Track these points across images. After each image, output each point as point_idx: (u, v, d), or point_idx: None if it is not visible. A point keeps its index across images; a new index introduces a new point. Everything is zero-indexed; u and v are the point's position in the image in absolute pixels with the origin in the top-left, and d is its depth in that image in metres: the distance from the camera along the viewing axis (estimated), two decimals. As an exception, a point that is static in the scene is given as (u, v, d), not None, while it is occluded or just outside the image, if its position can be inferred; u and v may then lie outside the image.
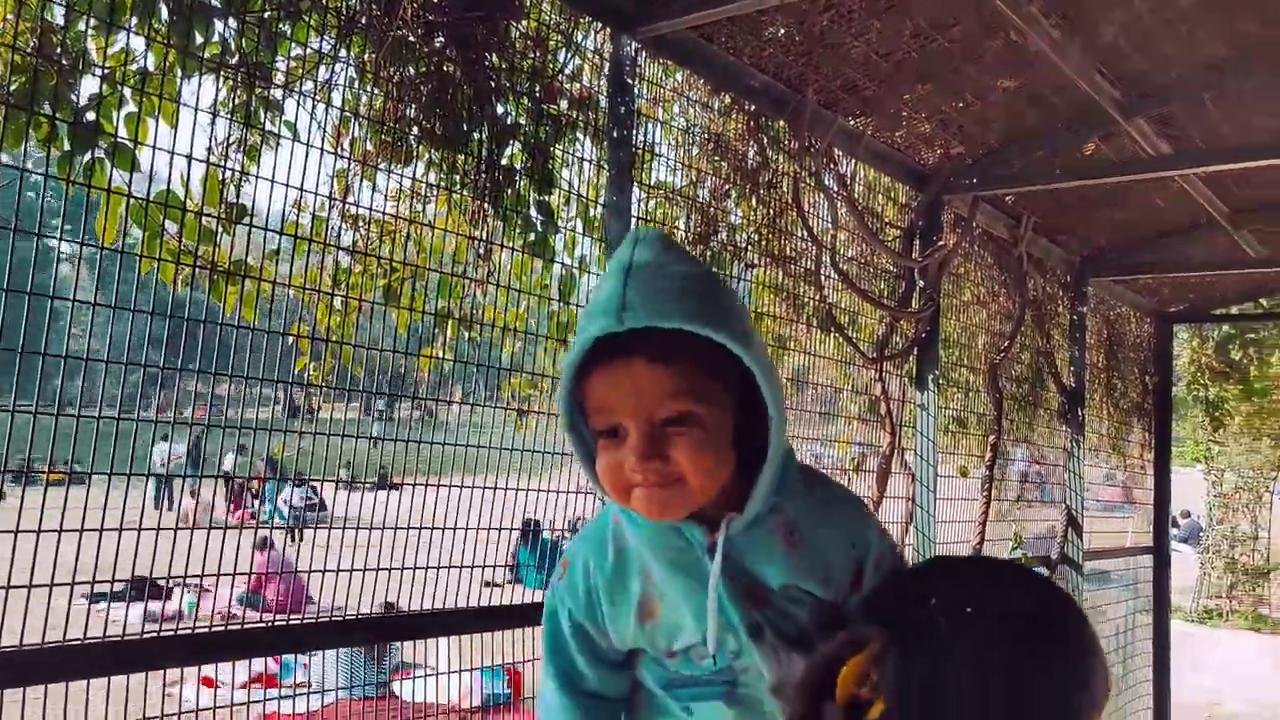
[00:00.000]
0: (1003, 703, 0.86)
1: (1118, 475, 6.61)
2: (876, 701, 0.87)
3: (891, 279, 3.85)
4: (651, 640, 1.05)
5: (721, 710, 1.06)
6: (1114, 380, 6.02)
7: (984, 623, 0.88)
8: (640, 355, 0.96)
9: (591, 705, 1.10)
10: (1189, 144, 3.79)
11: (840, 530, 1.08)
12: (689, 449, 0.97)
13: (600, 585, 1.07)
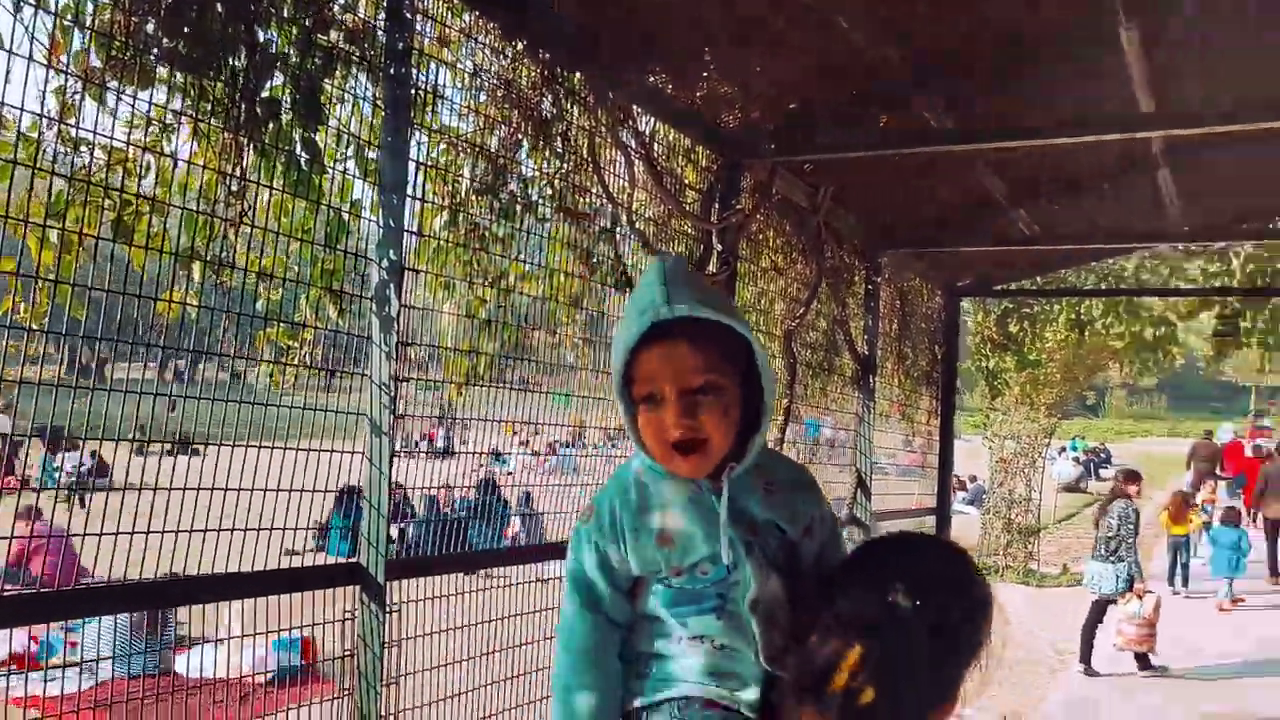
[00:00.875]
0: (951, 660, 1.21)
1: (915, 441, 6.97)
2: (867, 689, 1.16)
3: (690, 241, 3.86)
4: (668, 560, 1.32)
5: (712, 623, 1.32)
6: (905, 350, 6.32)
7: (931, 606, 1.20)
8: (683, 338, 1.26)
9: (603, 623, 1.35)
10: (974, 122, 3.96)
11: (801, 489, 1.42)
12: (713, 413, 1.28)
13: (625, 520, 1.33)
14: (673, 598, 1.35)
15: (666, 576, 1.35)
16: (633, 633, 1.39)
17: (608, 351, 3.73)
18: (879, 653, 1.17)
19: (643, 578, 1.37)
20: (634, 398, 1.32)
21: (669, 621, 1.35)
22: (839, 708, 1.18)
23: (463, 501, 8.31)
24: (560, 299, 3.19)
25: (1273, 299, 6.22)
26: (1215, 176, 5.49)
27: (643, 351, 1.29)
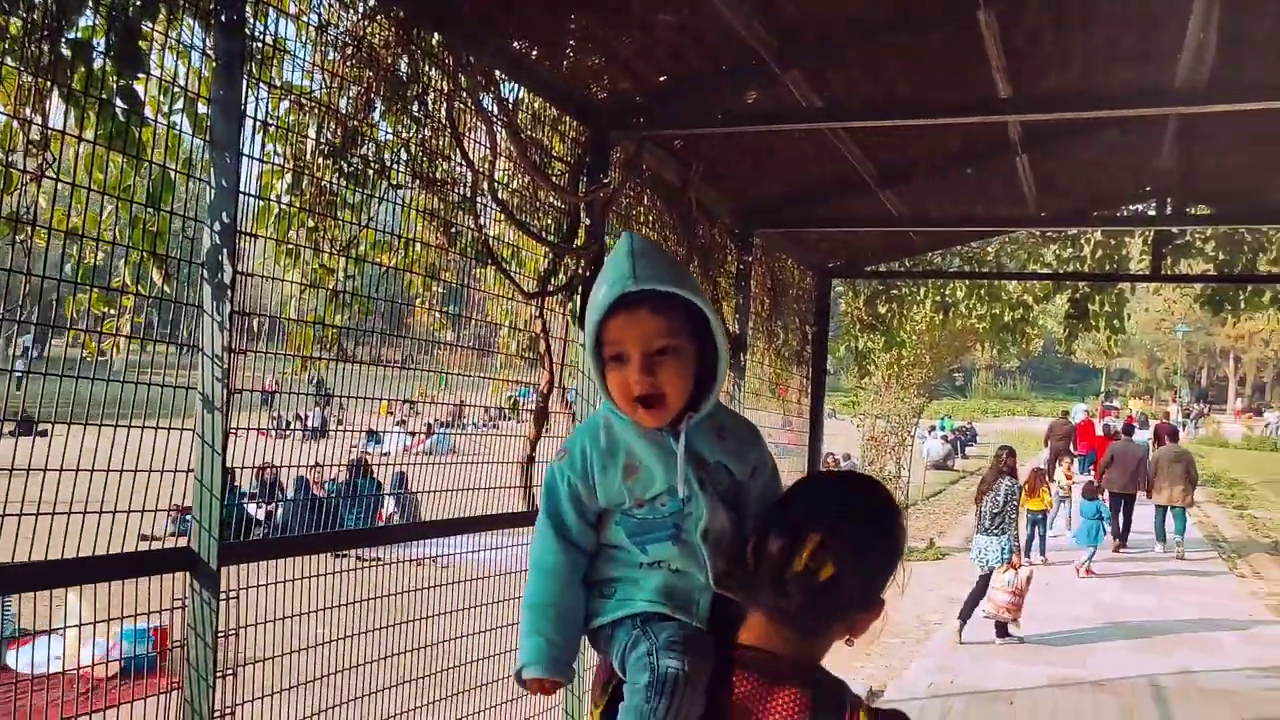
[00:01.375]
0: (883, 549, 1.47)
1: (795, 421, 7.06)
2: (826, 565, 1.39)
3: (557, 215, 3.78)
4: (631, 493, 1.50)
5: (669, 548, 1.50)
6: (776, 329, 6.38)
7: (867, 510, 1.48)
8: (646, 307, 1.43)
9: (570, 549, 1.52)
10: (839, 100, 3.99)
11: (747, 436, 1.60)
12: (671, 372, 1.45)
13: (594, 459, 1.50)
14: (634, 527, 1.53)
15: (630, 508, 1.52)
16: (596, 560, 1.56)
17: (481, 327, 3.64)
18: (834, 536, 1.41)
19: (606, 511, 1.54)
20: (604, 358, 1.50)
21: (630, 549, 1.53)
22: (799, 587, 1.39)
23: (332, 483, 8.07)
24: (417, 270, 3.06)
25: (1119, 284, 6.50)
26: (1069, 165, 5.70)
27: (612, 318, 1.46)
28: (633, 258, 1.46)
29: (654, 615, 1.49)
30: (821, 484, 1.68)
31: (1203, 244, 6.32)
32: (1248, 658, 9.18)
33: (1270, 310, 6.34)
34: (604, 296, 1.45)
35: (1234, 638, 10.03)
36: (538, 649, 1.50)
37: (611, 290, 1.44)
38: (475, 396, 4.22)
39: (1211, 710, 7.40)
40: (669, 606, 1.49)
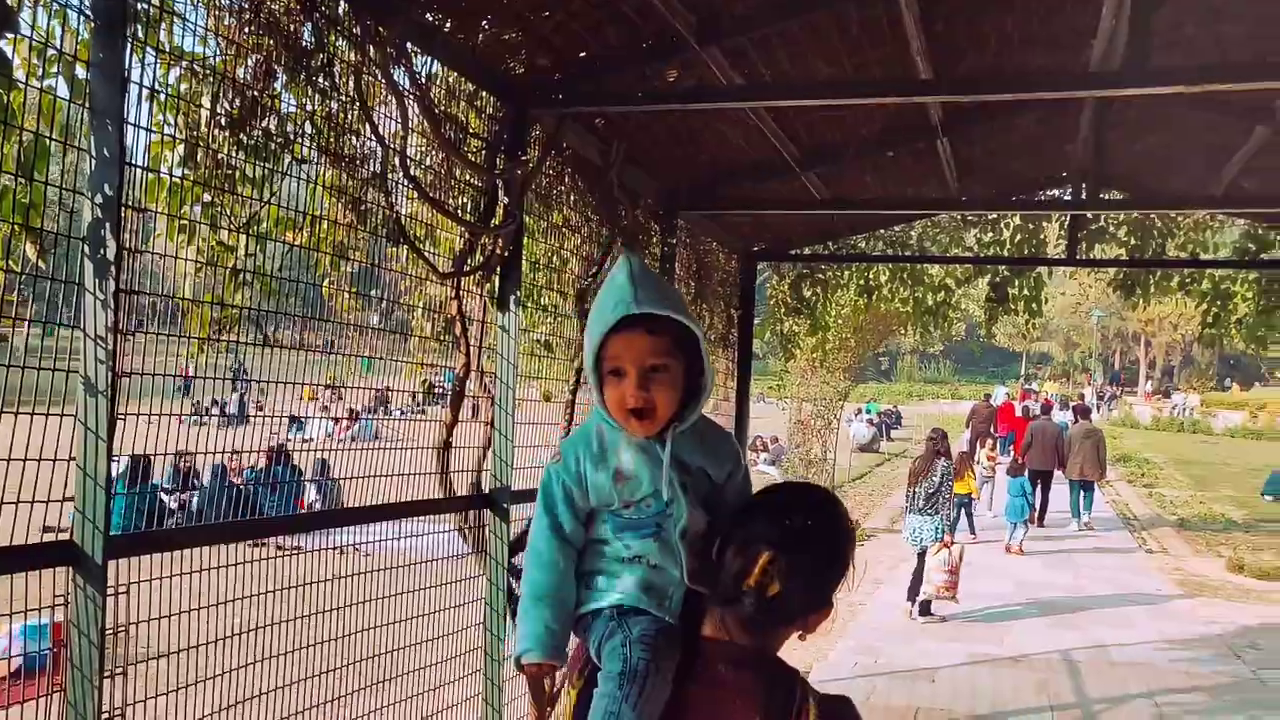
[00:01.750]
0: (829, 563, 1.59)
1: (724, 405, 7.04)
2: (774, 583, 1.52)
3: (474, 193, 3.67)
4: (620, 494, 1.63)
5: (650, 545, 1.64)
6: (702, 312, 6.35)
7: (815, 529, 1.58)
8: (642, 328, 1.57)
9: (564, 544, 1.65)
10: (760, 79, 3.95)
11: (725, 446, 1.75)
12: (662, 387, 1.59)
13: (587, 464, 1.64)
14: (620, 525, 1.67)
15: (618, 508, 1.66)
16: (583, 555, 1.70)
17: (396, 309, 3.53)
18: (781, 557, 1.54)
19: (595, 510, 1.68)
20: (603, 371, 1.63)
21: (615, 544, 1.67)
22: (752, 599, 1.54)
23: (251, 471, 7.81)
24: (325, 249, 2.94)
25: (1037, 267, 6.62)
26: (989, 149, 5.77)
27: (613, 336, 1.60)
28: (633, 282, 1.60)
29: (630, 609, 1.63)
30: (774, 500, 1.71)
31: (1116, 229, 6.46)
32: (1156, 631, 9.49)
33: (1178, 294, 6.52)
34: (608, 316, 1.60)
35: (1143, 612, 10.36)
36: (537, 636, 1.63)
37: (615, 311, 1.59)
38: (397, 381, 4.10)
39: (1123, 683, 7.62)
40: (646, 600, 1.63)
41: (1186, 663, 8.40)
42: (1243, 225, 6.30)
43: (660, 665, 1.57)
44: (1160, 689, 7.51)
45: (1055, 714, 6.78)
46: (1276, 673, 8.24)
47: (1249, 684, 7.84)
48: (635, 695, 1.53)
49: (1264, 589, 12.14)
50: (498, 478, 3.79)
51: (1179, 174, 5.93)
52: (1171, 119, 5.26)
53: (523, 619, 1.66)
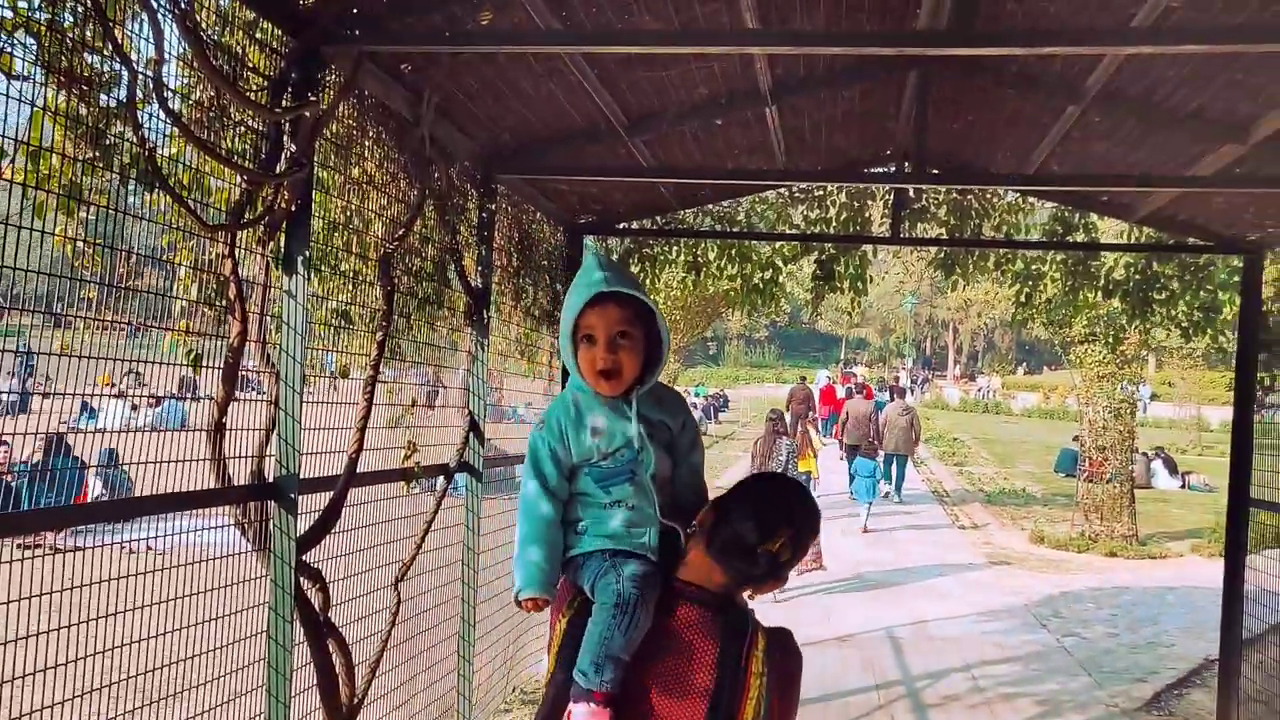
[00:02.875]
0: (809, 545, 2.00)
1: (545, 385, 6.70)
2: (786, 552, 1.91)
3: (254, 137, 3.19)
4: (598, 448, 1.95)
5: (627, 488, 1.95)
6: (525, 285, 6.00)
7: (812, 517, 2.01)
8: (612, 303, 1.93)
9: (552, 497, 1.96)
10: (579, 25, 3.63)
11: (678, 402, 2.09)
12: (627, 353, 1.93)
13: (568, 426, 1.96)
14: (600, 475, 1.94)
15: (597, 460, 1.94)
16: (568, 505, 1.97)
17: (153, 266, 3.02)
18: (794, 536, 1.89)
19: (576, 467, 1.96)
20: (577, 340, 1.92)
21: (597, 493, 1.94)
22: (767, 561, 1.87)
23: (24, 465, 6.88)
24: (55, 188, 2.43)
25: (862, 246, 6.60)
26: (816, 122, 5.67)
27: (588, 309, 1.90)
28: (604, 268, 1.93)
29: (621, 552, 1.91)
30: (784, 487, 2.08)
31: (936, 209, 6.53)
32: (970, 604, 9.84)
33: (994, 274, 6.66)
34: (584, 293, 1.90)
35: (958, 586, 10.75)
36: (534, 576, 1.90)
37: (591, 289, 1.89)
38: (160, 354, 3.56)
39: (942, 657, 7.80)
40: (629, 537, 1.92)
41: (998, 634, 8.71)
42: (1051, 208, 6.49)
43: (647, 600, 1.86)
44: (976, 661, 7.73)
45: (880, 692, 6.83)
46: (1077, 639, 8.65)
47: (1055, 652, 8.19)
48: (626, 624, 1.83)
49: (1061, 559, 12.88)
50: (283, 464, 3.34)
51: (994, 154, 6.02)
52: (988, 98, 5.28)
53: (519, 562, 1.95)
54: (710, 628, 1.87)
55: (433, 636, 4.94)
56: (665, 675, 1.86)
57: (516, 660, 6.54)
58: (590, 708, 1.82)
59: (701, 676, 1.84)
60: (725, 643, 1.86)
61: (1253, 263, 5.90)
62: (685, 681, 1.84)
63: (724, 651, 1.85)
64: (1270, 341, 5.79)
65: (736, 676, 1.83)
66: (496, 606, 5.94)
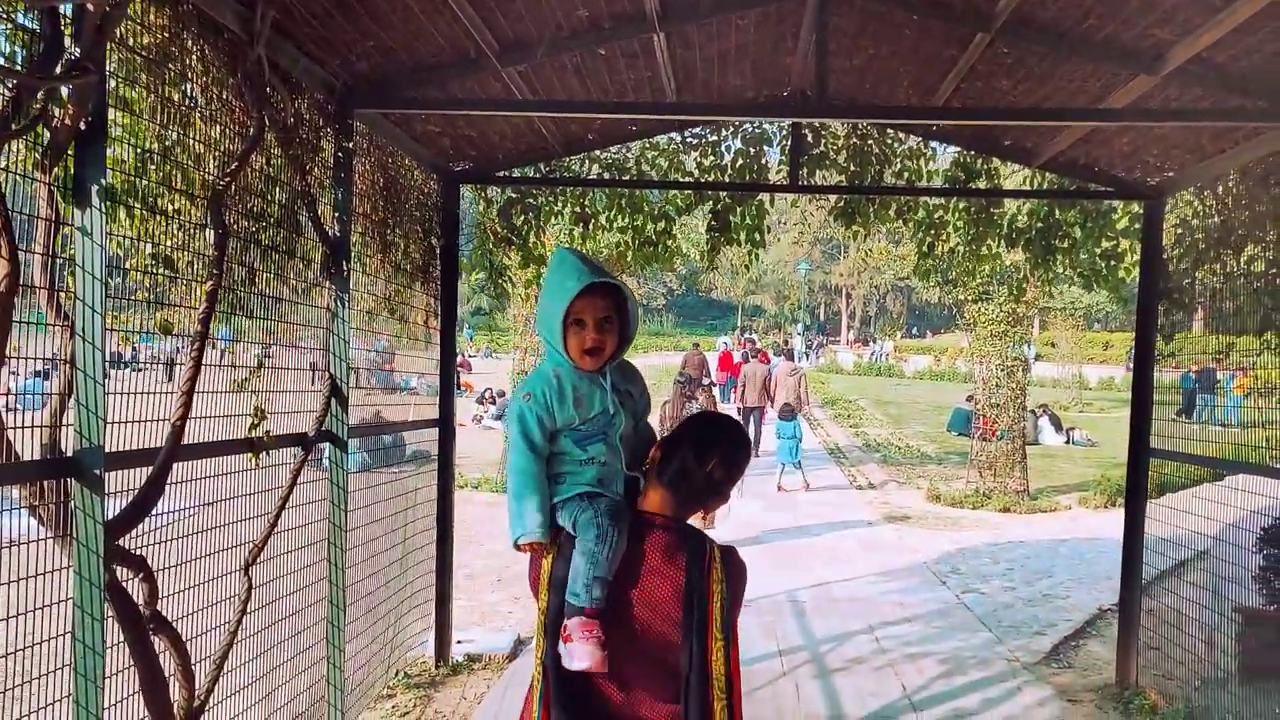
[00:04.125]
0: (742, 467, 2.33)
1: (421, 347, 6.19)
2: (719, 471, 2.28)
3: (22, 35, 2.61)
4: (579, 414, 2.27)
5: (601, 448, 2.28)
6: (396, 239, 5.46)
7: (741, 442, 2.36)
8: (599, 292, 2.25)
9: (538, 457, 2.26)
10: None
11: (636, 374, 2.45)
12: (608, 334, 2.27)
13: (552, 397, 2.25)
14: (578, 437, 2.29)
15: (577, 425, 2.29)
16: (552, 464, 2.30)
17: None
18: (724, 455, 2.28)
19: (557, 432, 2.29)
20: (567, 324, 2.25)
21: (576, 452, 2.29)
22: (704, 480, 2.26)
23: None
24: None
25: (758, 195, 6.25)
26: (709, 55, 5.25)
27: (578, 299, 2.22)
28: (584, 261, 2.28)
29: (594, 494, 2.25)
30: (714, 420, 2.41)
31: (836, 155, 6.21)
32: (870, 564, 9.73)
33: (895, 222, 6.40)
34: (574, 286, 2.22)
35: (858, 546, 10.65)
36: (531, 524, 2.23)
37: (580, 280, 2.22)
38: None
39: (845, 619, 7.61)
40: (602, 489, 2.27)
41: (899, 593, 8.59)
42: (953, 154, 6.25)
43: (620, 528, 2.18)
44: (878, 621, 7.56)
45: (783, 658, 6.58)
46: (977, 595, 8.60)
47: (955, 609, 8.09)
48: (607, 549, 2.13)
49: (957, 516, 12.96)
50: (85, 435, 2.79)
51: (897, 91, 5.71)
52: (891, 26, 4.95)
53: (516, 514, 2.24)
54: (675, 548, 2.20)
55: (298, 623, 4.44)
56: (643, 591, 2.18)
57: (399, 643, 6.06)
58: (583, 620, 2.13)
59: (673, 588, 2.16)
60: (690, 559, 2.18)
61: (1153, 208, 5.76)
62: (660, 593, 2.17)
63: (690, 566, 2.17)
64: (1171, 289, 5.67)
65: (705, 583, 2.15)
66: (378, 584, 5.45)
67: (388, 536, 5.70)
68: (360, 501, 5.15)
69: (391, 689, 6.01)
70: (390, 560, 5.76)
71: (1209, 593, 5.50)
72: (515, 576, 9.11)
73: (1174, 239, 5.62)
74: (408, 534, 6.02)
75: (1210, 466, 5.31)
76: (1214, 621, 5.38)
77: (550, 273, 2.30)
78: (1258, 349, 4.93)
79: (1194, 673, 5.52)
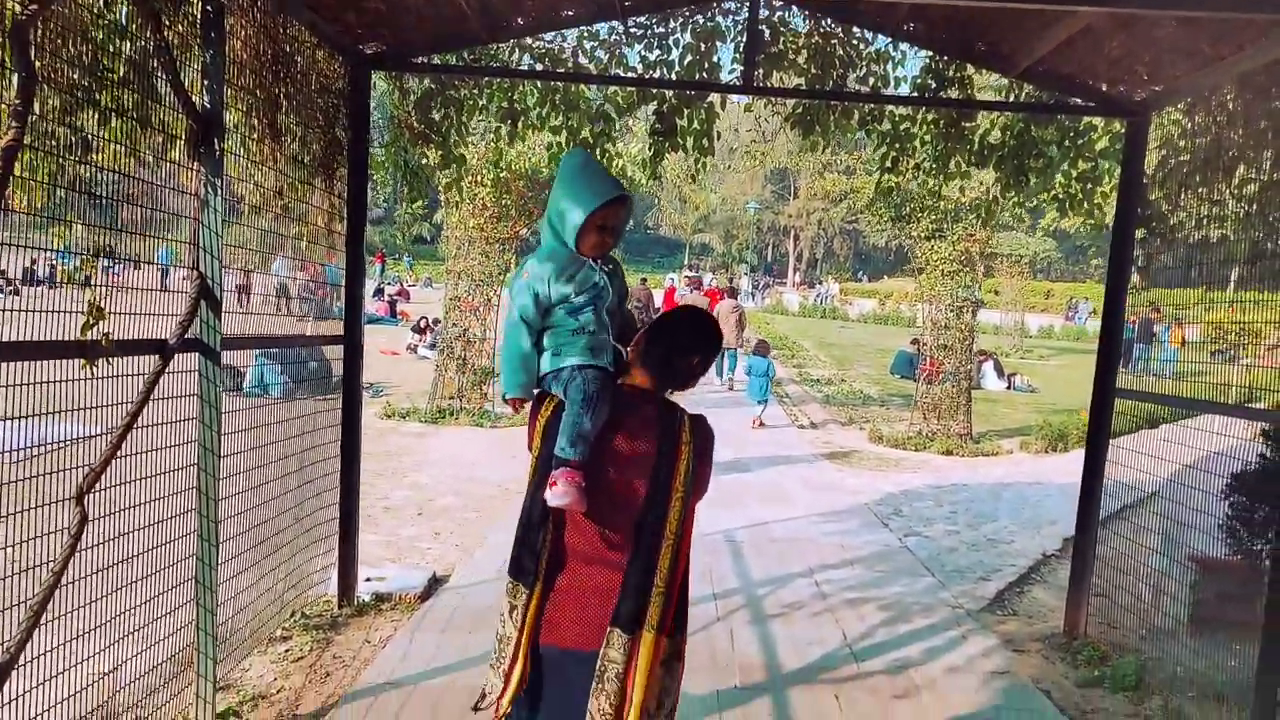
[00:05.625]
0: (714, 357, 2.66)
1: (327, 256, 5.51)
2: (699, 364, 2.62)
3: None
4: (573, 289, 2.57)
5: (591, 318, 2.60)
6: (291, 124, 4.74)
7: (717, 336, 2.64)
8: (621, 203, 2.59)
9: (529, 328, 2.61)
10: None
11: (617, 261, 2.73)
12: (617, 233, 2.65)
13: (550, 275, 2.57)
14: (572, 308, 2.59)
15: (572, 298, 2.58)
16: (547, 336, 2.63)
17: None
18: (706, 353, 2.59)
19: (551, 306, 2.60)
20: (589, 226, 2.57)
21: (569, 322, 2.60)
22: (685, 370, 2.58)
23: None
24: None
25: (709, 95, 5.60)
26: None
27: (606, 207, 2.55)
28: (605, 171, 2.66)
29: (585, 365, 2.56)
30: (701, 318, 2.64)
31: (795, 55, 5.58)
32: (811, 504, 9.34)
33: (858, 132, 5.81)
34: (603, 195, 2.54)
35: (799, 486, 10.26)
36: (518, 384, 2.67)
37: (613, 191, 2.56)
38: None
39: (784, 561, 7.18)
40: (593, 357, 2.58)
41: (840, 534, 8.20)
42: (924, 58, 5.65)
43: (604, 395, 2.53)
44: (818, 564, 7.15)
45: (718, 603, 6.12)
46: (920, 538, 8.24)
47: (898, 552, 7.72)
48: (592, 412, 2.48)
49: (900, 457, 12.66)
50: None
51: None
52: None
53: (507, 373, 2.67)
54: (650, 416, 2.51)
55: (157, 562, 3.83)
56: (621, 452, 2.48)
57: (297, 581, 5.47)
58: (567, 470, 2.43)
59: (646, 448, 2.47)
60: (663, 425, 2.48)
61: (1136, 126, 5.25)
62: (635, 454, 2.47)
63: (662, 430, 2.47)
64: (1150, 217, 5.18)
65: (674, 446, 2.45)
66: (271, 517, 4.85)
67: (282, 464, 5.09)
68: (252, 427, 4.52)
69: (288, 630, 5.44)
70: (284, 490, 5.15)
71: (1163, 538, 5.14)
72: (438, 510, 8.55)
73: (1157, 162, 5.12)
74: (308, 463, 5.40)
75: (1182, 408, 4.88)
76: (1167, 569, 5.02)
77: (573, 172, 2.60)
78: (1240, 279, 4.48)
79: (1144, 622, 5.18)
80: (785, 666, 5.09)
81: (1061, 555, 7.84)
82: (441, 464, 10.59)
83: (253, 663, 4.99)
